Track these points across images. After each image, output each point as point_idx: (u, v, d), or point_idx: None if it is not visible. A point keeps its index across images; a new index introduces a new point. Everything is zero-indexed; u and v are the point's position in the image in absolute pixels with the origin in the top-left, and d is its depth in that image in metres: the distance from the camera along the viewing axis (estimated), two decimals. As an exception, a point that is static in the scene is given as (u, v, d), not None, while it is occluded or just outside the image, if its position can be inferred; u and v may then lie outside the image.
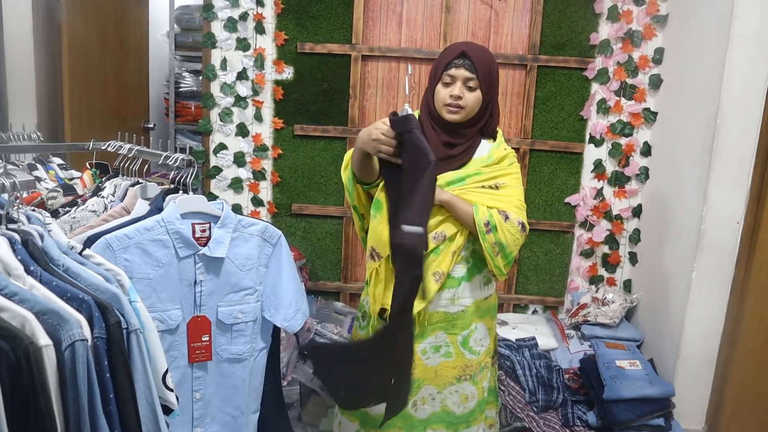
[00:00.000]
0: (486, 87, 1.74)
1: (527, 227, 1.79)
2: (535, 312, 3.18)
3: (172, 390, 1.21)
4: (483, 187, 1.77)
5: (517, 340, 2.77)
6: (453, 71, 1.73)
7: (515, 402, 2.52)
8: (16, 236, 1.10)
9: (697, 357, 2.53)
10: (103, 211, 1.63)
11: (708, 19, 2.50)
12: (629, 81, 2.92)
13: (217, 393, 1.58)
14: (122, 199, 1.65)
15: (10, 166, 1.18)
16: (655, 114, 2.91)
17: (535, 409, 2.51)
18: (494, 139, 1.85)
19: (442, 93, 1.74)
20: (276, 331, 1.68)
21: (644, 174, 2.97)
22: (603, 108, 2.95)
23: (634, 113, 2.94)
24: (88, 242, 1.36)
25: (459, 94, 1.72)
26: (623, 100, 2.94)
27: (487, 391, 1.97)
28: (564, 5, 2.90)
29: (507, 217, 1.73)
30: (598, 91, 2.95)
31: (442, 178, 1.75)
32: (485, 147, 1.83)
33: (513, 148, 2.95)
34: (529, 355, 2.69)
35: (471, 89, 1.73)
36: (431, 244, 1.79)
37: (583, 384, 2.59)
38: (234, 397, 1.59)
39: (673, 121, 2.78)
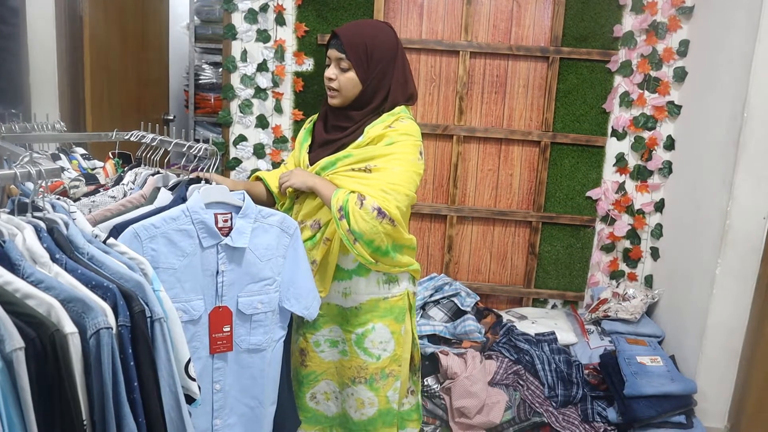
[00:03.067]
0: (363, 67, 1.65)
1: (390, 213, 1.57)
2: (554, 306, 3.16)
3: (194, 379, 1.21)
4: (353, 170, 1.65)
5: (536, 334, 2.75)
6: (329, 52, 1.69)
7: (534, 397, 2.50)
8: (42, 224, 1.11)
9: (719, 354, 2.50)
10: (122, 197, 1.64)
11: (735, 11, 2.45)
12: (653, 74, 2.88)
13: (236, 384, 1.58)
14: (142, 187, 1.66)
15: (35, 155, 1.18)
16: (679, 107, 2.87)
17: (554, 404, 2.49)
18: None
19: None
20: (290, 321, 1.68)
21: (667, 168, 2.93)
22: (626, 101, 2.91)
23: (658, 106, 2.89)
24: (115, 231, 1.36)
25: (329, 76, 1.68)
26: (647, 93, 2.90)
27: (397, 404, 1.86)
28: (587, -4, 2.87)
29: (362, 203, 1.56)
30: (621, 83, 2.91)
31: (318, 165, 1.70)
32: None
33: (533, 141, 2.98)
34: (549, 349, 2.67)
35: (343, 70, 1.67)
36: (308, 233, 1.73)
37: (603, 380, 2.56)
38: (252, 387, 1.59)
39: (697, 114, 2.73)
